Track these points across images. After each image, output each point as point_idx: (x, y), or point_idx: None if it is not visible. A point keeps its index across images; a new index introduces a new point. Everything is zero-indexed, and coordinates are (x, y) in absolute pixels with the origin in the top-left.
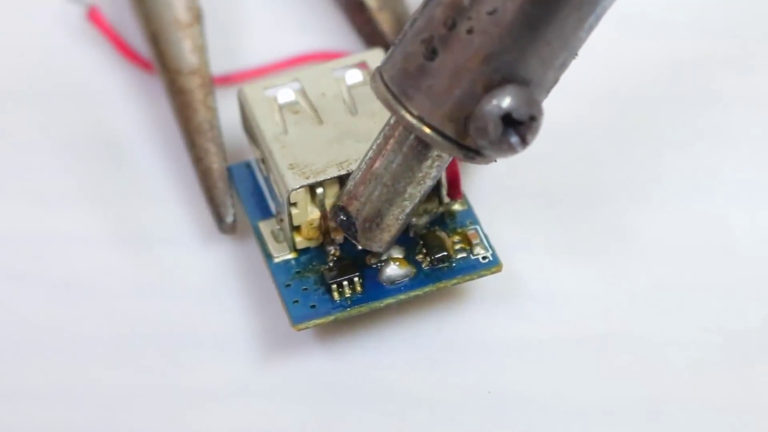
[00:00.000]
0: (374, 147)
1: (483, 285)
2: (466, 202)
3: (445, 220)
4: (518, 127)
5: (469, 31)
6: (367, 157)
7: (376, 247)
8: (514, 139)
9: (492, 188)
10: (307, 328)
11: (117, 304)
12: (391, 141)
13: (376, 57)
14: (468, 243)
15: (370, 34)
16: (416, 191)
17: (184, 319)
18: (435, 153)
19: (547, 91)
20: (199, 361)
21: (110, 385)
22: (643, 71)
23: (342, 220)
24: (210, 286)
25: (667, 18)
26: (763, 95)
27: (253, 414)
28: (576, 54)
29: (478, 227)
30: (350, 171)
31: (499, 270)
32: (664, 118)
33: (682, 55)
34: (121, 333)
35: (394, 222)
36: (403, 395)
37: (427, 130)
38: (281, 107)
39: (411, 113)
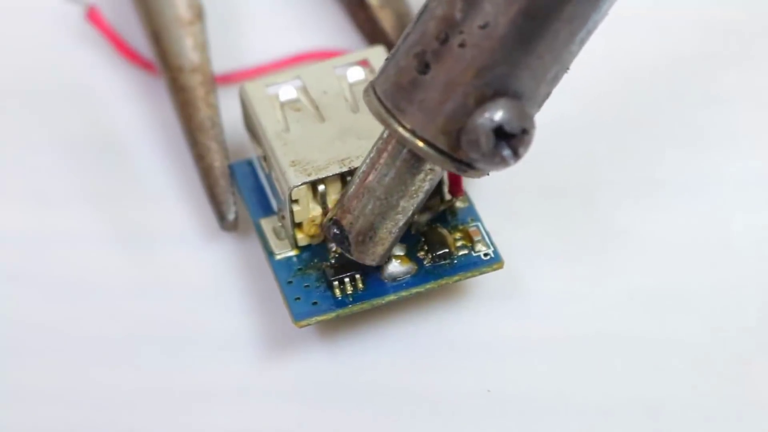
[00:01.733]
0: (367, 161)
1: (484, 283)
2: (467, 199)
3: (446, 218)
4: (510, 141)
5: (462, 45)
6: (360, 171)
7: (369, 261)
8: (506, 152)
9: (494, 186)
10: (308, 324)
11: (118, 302)
12: (384, 155)
13: (377, 55)
14: (469, 240)
15: (371, 32)
16: (409, 205)
17: (185, 318)
18: (428, 167)
19: (539, 105)
20: (199, 359)
21: (110, 385)
22: (643, 70)
23: (335, 233)
24: (211, 283)
25: (667, 16)
26: (763, 94)
27: (253, 413)
28: (568, 68)
29: (479, 224)
30: (352, 168)
31: (500, 267)
32: (665, 117)
33: (682, 53)
34: (121, 332)
35: (387, 235)
36: (403, 393)
37: (420, 144)
38: (283, 105)
39: (404, 127)
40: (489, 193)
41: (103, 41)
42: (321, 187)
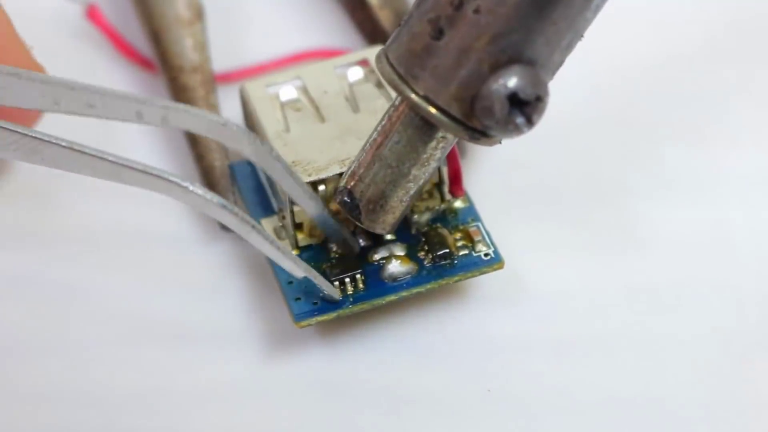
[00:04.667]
0: (379, 128)
1: (484, 283)
2: (468, 199)
3: (446, 217)
4: (524, 108)
5: (476, 11)
6: (372, 139)
7: (379, 229)
8: (520, 119)
9: (494, 186)
10: (309, 325)
11: (118, 302)
12: (397, 122)
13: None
14: (470, 240)
15: (371, 32)
16: (421, 173)
17: (185, 318)
18: (440, 134)
19: (553, 73)
20: (199, 359)
21: (110, 385)
22: (645, 68)
23: (345, 201)
24: (212, 284)
25: (670, 12)
26: (766, 91)
27: (253, 413)
28: (582, 35)
29: (480, 224)
30: None
31: (501, 267)
32: (666, 115)
33: (684, 50)
34: (121, 332)
35: (398, 204)
36: (403, 393)
37: (433, 110)
38: (283, 104)
39: (417, 93)
40: (489, 193)
41: (103, 40)
42: (321, 188)
